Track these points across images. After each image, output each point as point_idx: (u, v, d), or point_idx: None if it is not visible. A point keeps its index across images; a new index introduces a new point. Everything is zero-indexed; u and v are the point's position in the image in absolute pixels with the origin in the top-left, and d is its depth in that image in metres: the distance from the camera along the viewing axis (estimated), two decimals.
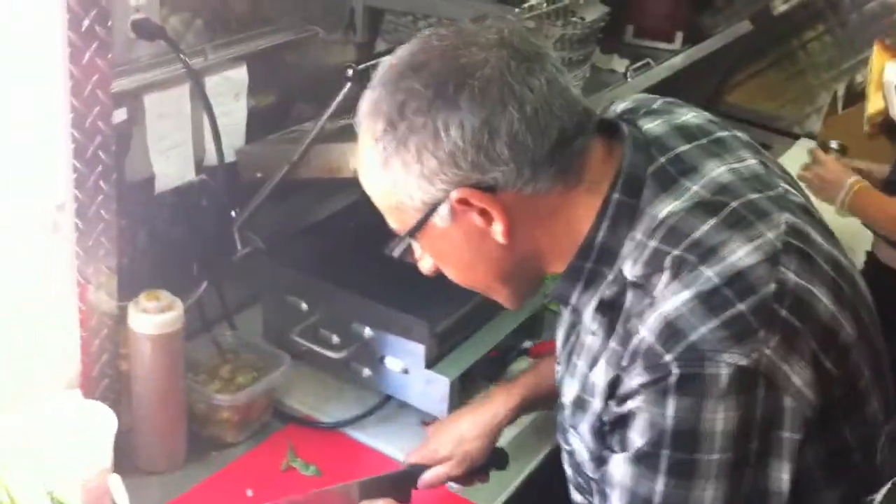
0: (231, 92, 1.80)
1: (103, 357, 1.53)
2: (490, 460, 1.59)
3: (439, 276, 1.25)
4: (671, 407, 1.07)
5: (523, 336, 1.90)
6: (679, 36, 2.90)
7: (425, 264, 1.29)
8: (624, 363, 1.12)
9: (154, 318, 1.50)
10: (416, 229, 1.19)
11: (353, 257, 1.85)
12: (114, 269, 1.51)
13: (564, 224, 1.19)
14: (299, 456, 1.63)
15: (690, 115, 1.30)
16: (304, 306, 1.79)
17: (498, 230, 1.16)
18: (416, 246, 1.25)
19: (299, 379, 1.80)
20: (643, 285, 1.13)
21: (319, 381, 1.81)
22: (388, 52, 1.67)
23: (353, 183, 1.81)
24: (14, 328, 1.42)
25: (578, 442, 1.25)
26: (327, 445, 1.68)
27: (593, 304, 1.19)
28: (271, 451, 1.65)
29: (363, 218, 1.97)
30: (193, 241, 1.78)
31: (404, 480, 1.55)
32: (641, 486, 1.12)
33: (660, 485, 1.10)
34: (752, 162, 1.24)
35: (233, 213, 1.75)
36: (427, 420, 1.73)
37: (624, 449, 1.13)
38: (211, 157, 1.76)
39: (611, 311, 1.17)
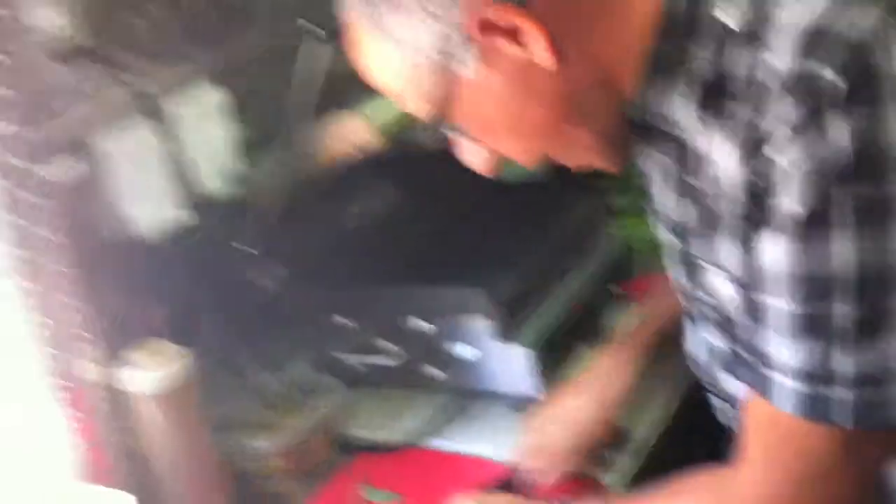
0: (205, 114, 1.56)
1: (112, 437, 1.28)
2: (612, 442, 1.31)
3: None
4: (842, 128, 0.77)
5: (612, 281, 1.58)
6: None
7: (473, 154, 1.00)
8: (761, 118, 0.82)
9: (155, 374, 1.25)
10: (446, 92, 0.93)
11: (385, 254, 1.59)
12: (95, 333, 1.27)
13: (621, 12, 0.91)
14: (376, 486, 1.35)
15: None
16: (350, 322, 1.52)
17: (539, 50, 0.89)
18: (454, 129, 0.97)
19: (367, 403, 1.52)
20: (753, 27, 0.85)
21: (389, 399, 1.53)
22: None
23: (358, 159, 1.61)
24: None
25: (721, 280, 0.94)
26: (409, 466, 1.39)
27: (695, 102, 0.89)
28: (343, 492, 1.36)
29: (380, 214, 1.75)
30: (203, 287, 1.53)
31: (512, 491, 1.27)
32: (816, 260, 0.80)
33: (843, 246, 0.79)
34: None
35: (243, 247, 1.51)
36: (519, 405, 1.41)
37: (776, 230, 0.82)
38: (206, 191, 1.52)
39: (719, 92, 0.86)
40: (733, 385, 1.05)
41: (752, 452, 0.93)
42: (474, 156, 1.00)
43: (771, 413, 0.88)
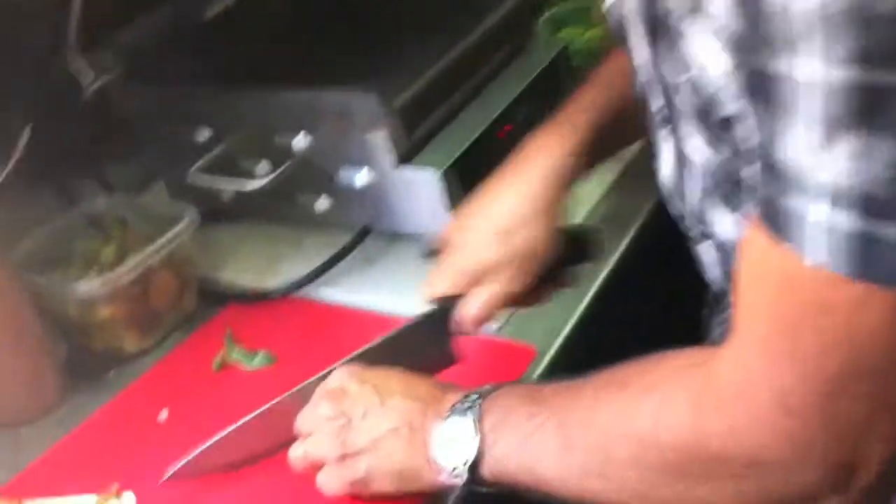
0: None
1: None
2: (571, 248, 0.92)
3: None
4: None
5: (544, 97, 1.28)
6: None
7: None
8: None
9: None
10: None
11: (251, 50, 1.27)
12: None
13: None
14: (241, 344, 1.05)
15: None
16: (205, 133, 1.19)
17: None
18: None
19: (239, 243, 1.23)
20: None
21: (267, 238, 1.23)
22: None
23: None
24: None
25: (706, 41, 0.59)
26: (286, 320, 1.10)
27: None
28: (201, 349, 1.07)
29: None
30: (12, 86, 1.19)
31: (430, 332, 0.89)
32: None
33: None
34: None
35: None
36: (427, 249, 1.10)
37: None
38: None
39: None
40: (727, 223, 0.71)
41: (753, 331, 0.58)
42: None
43: (790, 267, 0.54)
